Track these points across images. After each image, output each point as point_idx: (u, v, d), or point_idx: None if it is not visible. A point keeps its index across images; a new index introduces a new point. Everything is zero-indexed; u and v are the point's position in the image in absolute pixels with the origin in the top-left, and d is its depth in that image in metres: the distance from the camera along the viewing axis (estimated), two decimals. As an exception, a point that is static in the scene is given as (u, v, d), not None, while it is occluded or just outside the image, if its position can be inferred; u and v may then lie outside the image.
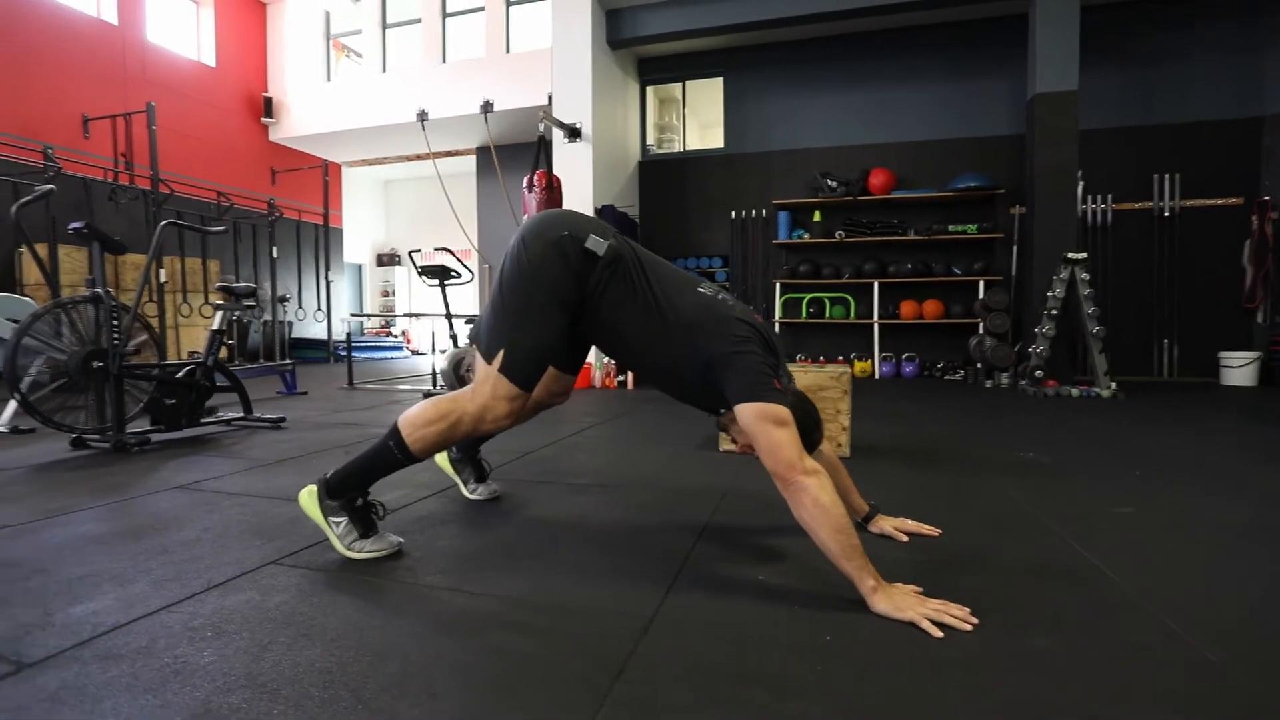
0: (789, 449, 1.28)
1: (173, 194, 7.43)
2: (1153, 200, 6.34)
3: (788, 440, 1.28)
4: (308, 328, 9.59)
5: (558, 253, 1.40)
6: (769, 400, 1.30)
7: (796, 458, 1.27)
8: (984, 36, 6.68)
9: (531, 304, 1.41)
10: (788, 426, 1.29)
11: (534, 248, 1.41)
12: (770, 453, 1.29)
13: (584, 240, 1.42)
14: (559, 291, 1.41)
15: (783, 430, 1.29)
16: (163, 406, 3.06)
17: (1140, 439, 3.15)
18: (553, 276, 1.40)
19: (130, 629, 1.14)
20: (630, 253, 1.47)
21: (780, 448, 1.28)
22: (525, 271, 1.41)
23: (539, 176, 5.21)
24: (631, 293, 1.43)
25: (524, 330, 1.42)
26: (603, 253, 1.42)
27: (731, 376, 1.34)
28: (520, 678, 0.98)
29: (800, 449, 1.29)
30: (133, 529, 1.72)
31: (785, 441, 1.28)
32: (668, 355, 1.43)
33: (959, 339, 6.69)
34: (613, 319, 1.45)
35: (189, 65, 8.59)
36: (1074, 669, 1.02)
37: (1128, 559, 1.51)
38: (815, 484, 1.25)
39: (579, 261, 1.41)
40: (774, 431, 1.29)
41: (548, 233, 1.42)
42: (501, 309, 1.44)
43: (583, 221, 1.47)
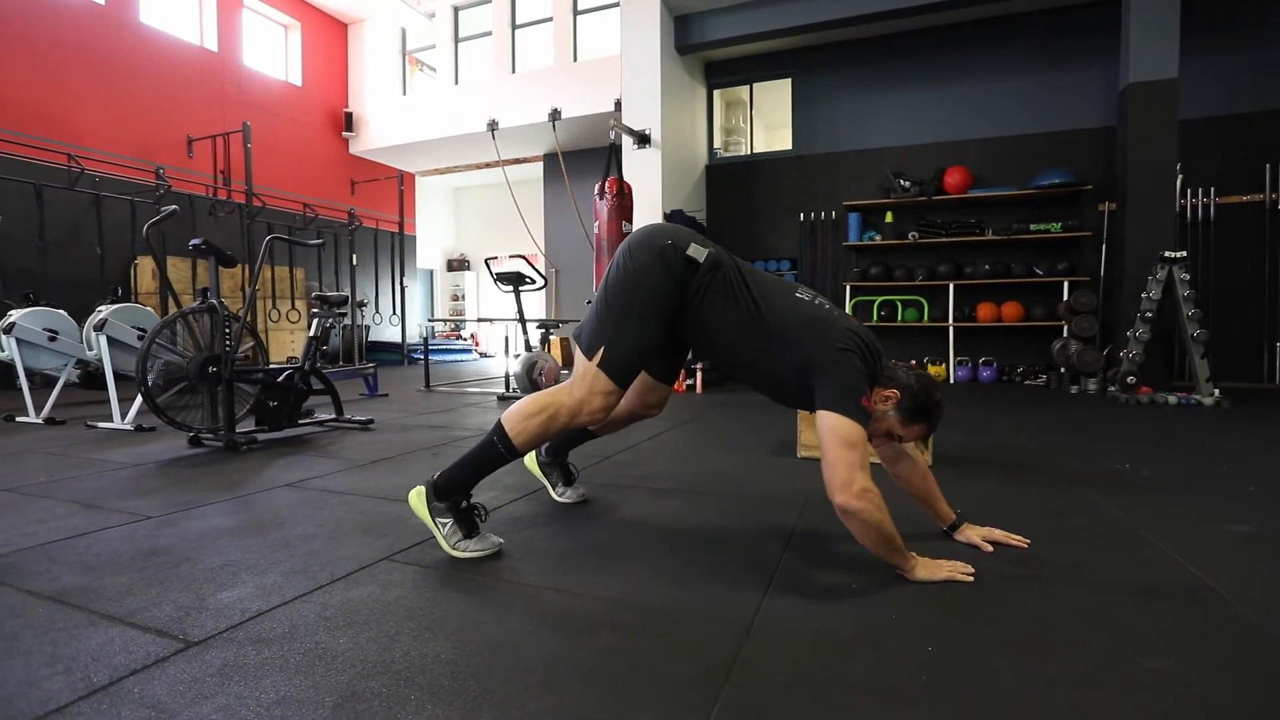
0: (847, 469, 1.33)
1: (264, 207, 7.95)
2: (1265, 192, 5.89)
3: (850, 460, 1.34)
4: (383, 331, 10.05)
5: (660, 261, 1.49)
6: (848, 415, 1.36)
7: (850, 478, 1.33)
8: (1069, 25, 6.37)
9: (633, 308, 1.51)
10: (855, 449, 1.34)
11: (639, 256, 1.51)
12: (830, 466, 1.36)
13: (685, 249, 1.51)
14: (660, 297, 1.50)
15: (847, 450, 1.34)
16: (266, 408, 3.29)
17: (1250, 451, 2.95)
18: (655, 283, 1.49)
19: (272, 616, 1.26)
20: (730, 261, 1.55)
21: (840, 465, 1.34)
22: (630, 277, 1.51)
23: (610, 184, 5.31)
24: (733, 298, 1.50)
25: (625, 331, 1.51)
26: (703, 260, 1.50)
27: (825, 382, 1.40)
28: (633, 677, 1.04)
29: (856, 468, 1.33)
30: (256, 523, 1.88)
31: (847, 461, 1.34)
32: (768, 359, 1.50)
33: (1040, 342, 6.40)
34: (713, 323, 1.53)
35: (278, 85, 9.15)
36: (1187, 692, 1.00)
37: (1243, 578, 1.44)
38: (866, 507, 1.33)
39: (680, 269, 1.50)
40: (837, 449, 1.35)
41: (652, 243, 1.52)
42: (605, 311, 1.53)
43: (684, 233, 1.56)
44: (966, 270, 6.54)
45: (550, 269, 9.73)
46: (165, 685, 1.01)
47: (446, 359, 10.42)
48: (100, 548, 1.66)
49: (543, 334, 5.78)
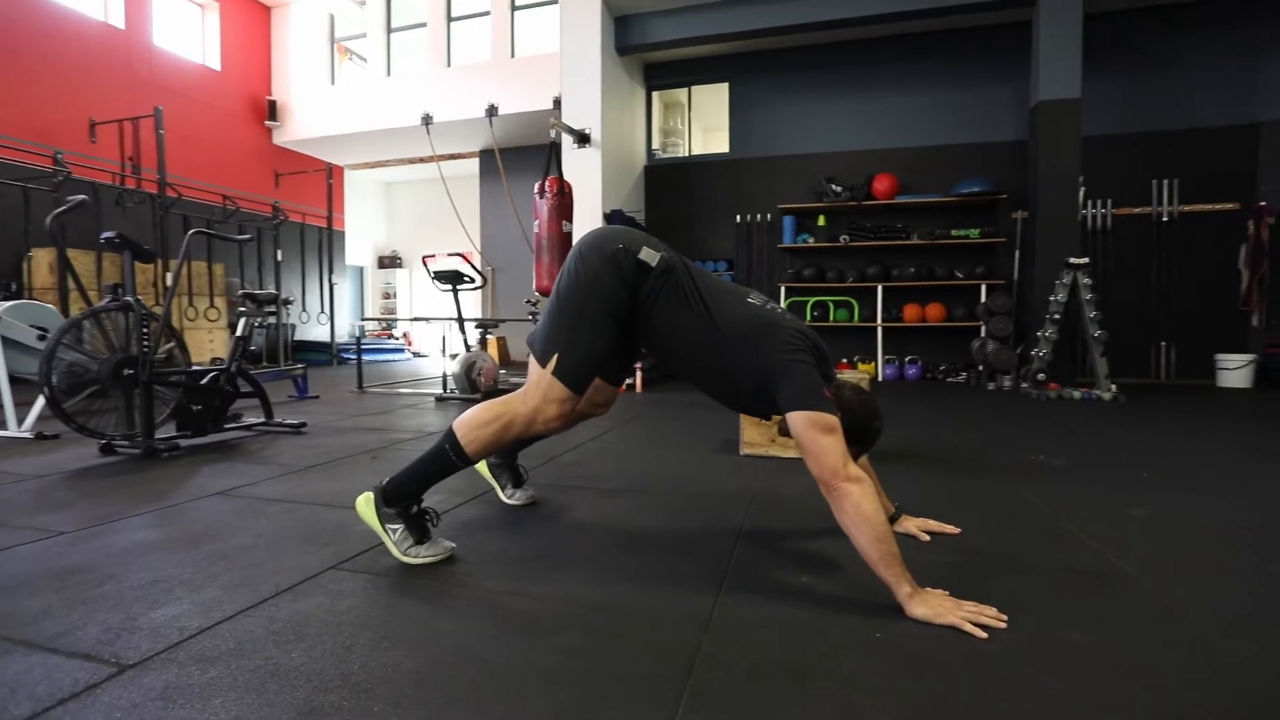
0: (834, 455, 1.33)
1: (180, 197, 7.46)
2: (1152, 205, 6.45)
3: (833, 447, 1.34)
4: (310, 330, 9.61)
5: (612, 265, 1.49)
6: (819, 409, 1.36)
7: (841, 464, 1.32)
8: (988, 44, 6.78)
9: (586, 312, 1.50)
10: (834, 434, 1.35)
11: (590, 260, 1.50)
12: (816, 458, 1.35)
13: (638, 253, 1.50)
14: (612, 301, 1.50)
15: (829, 437, 1.35)
16: (189, 412, 3.10)
17: (1144, 441, 3.24)
18: (607, 287, 1.49)
19: (215, 633, 1.20)
20: (681, 265, 1.55)
21: (826, 454, 1.33)
22: (581, 282, 1.50)
23: (551, 182, 5.27)
24: (685, 303, 1.50)
25: (578, 337, 1.50)
26: (655, 264, 1.50)
27: (784, 385, 1.41)
28: (599, 676, 1.05)
29: (845, 456, 1.34)
30: (187, 535, 1.78)
31: (831, 448, 1.34)
32: (722, 364, 1.51)
33: (961, 342, 6.78)
34: (666, 328, 1.53)
35: (194, 69, 8.61)
36: (1108, 662, 1.10)
37: (1146, 559, 1.59)
38: (858, 491, 1.30)
39: (632, 273, 1.49)
40: (820, 438, 1.34)
41: (603, 246, 1.51)
42: (558, 317, 1.52)
43: (637, 236, 1.55)
44: (894, 273, 6.85)
45: (487, 267, 9.56)
46: (100, 713, 0.95)
47: (378, 359, 10.08)
48: (9, 568, 1.54)
49: (481, 333, 5.69)
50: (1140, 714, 0.95)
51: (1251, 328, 6.26)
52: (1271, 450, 2.99)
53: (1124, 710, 0.96)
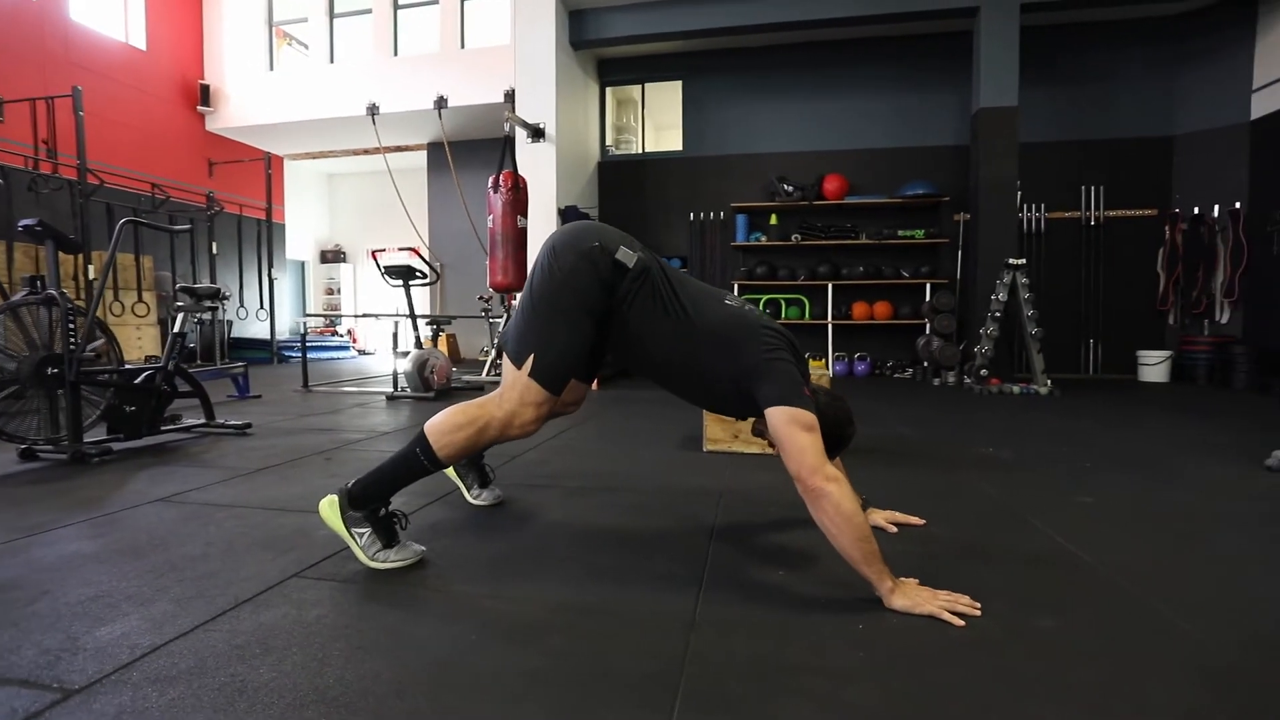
0: (812, 453, 1.32)
1: (102, 184, 6.99)
2: (1081, 210, 6.82)
3: (812, 445, 1.33)
4: (248, 327, 9.16)
5: (588, 263, 1.44)
6: (799, 406, 1.36)
7: (819, 463, 1.31)
8: (932, 51, 7.01)
9: (560, 311, 1.45)
10: (814, 432, 1.35)
11: (565, 257, 1.45)
12: (795, 456, 1.33)
13: (614, 252, 1.46)
14: (588, 300, 1.45)
15: (808, 435, 1.34)
16: (122, 414, 2.91)
17: (1081, 433, 3.41)
18: (582, 285, 1.44)
19: (170, 650, 1.12)
20: (657, 266, 1.52)
21: (804, 452, 1.32)
22: (556, 279, 1.45)
23: (505, 177, 5.17)
24: (660, 305, 1.47)
25: (553, 336, 1.45)
26: (632, 265, 1.47)
27: (764, 383, 1.40)
28: (589, 679, 1.03)
29: (823, 455, 1.34)
30: (129, 546, 1.66)
31: (810, 446, 1.33)
32: (698, 365, 1.48)
33: (908, 339, 7.01)
34: (640, 330, 1.49)
35: (117, 47, 8.06)
36: (1077, 645, 1.15)
37: (1099, 544, 1.67)
38: (838, 491, 1.28)
39: (608, 272, 1.46)
40: (800, 435, 1.33)
41: (579, 243, 1.46)
42: (532, 316, 1.47)
43: (612, 234, 1.51)
44: (843, 271, 7.02)
45: (435, 263, 9.32)
46: (48, 740, 0.87)
47: (322, 356, 9.71)
48: (-75, 586, 1.40)
49: (434, 330, 5.54)
50: (1113, 694, 0.99)
51: (1168, 326, 6.70)
52: (1189, 440, 3.20)
53: (1098, 691, 1.00)
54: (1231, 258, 6.22)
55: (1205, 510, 2.01)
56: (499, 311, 7.39)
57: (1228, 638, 1.17)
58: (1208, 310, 6.41)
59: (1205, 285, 6.41)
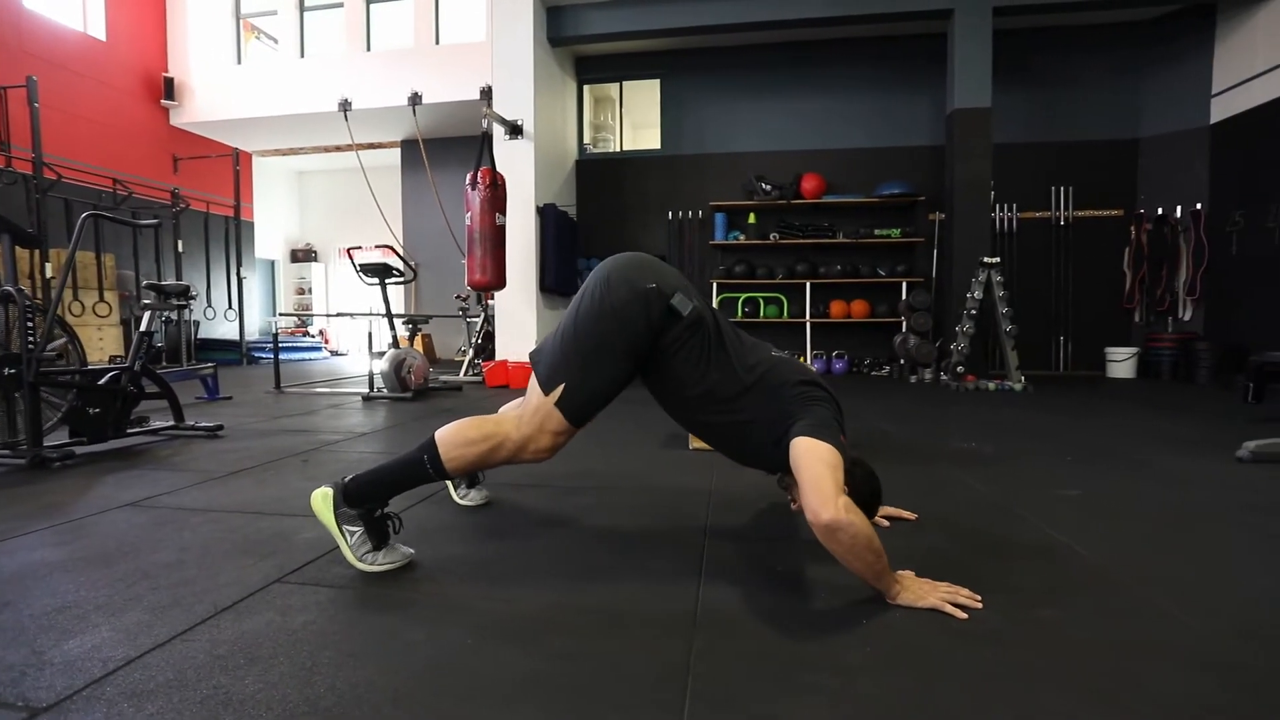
0: (831, 486, 1.22)
1: (60, 179, 6.73)
2: (1051, 210, 6.97)
3: (833, 479, 1.23)
4: (216, 327, 8.91)
5: (642, 303, 1.39)
6: (826, 440, 1.30)
7: (834, 493, 1.21)
8: (908, 53, 7.10)
9: (604, 347, 1.40)
10: (836, 468, 1.26)
11: (619, 292, 1.39)
12: (814, 483, 1.23)
13: (670, 297, 1.41)
14: (633, 340, 1.40)
15: (830, 470, 1.25)
16: (85, 416, 2.79)
17: (1057, 427, 3.47)
18: (631, 324, 1.39)
19: (146, 662, 1.06)
20: (711, 318, 1.48)
21: (823, 482, 1.22)
22: (605, 313, 1.39)
23: (483, 174, 5.10)
24: (707, 359, 1.44)
25: (589, 371, 1.41)
26: (686, 313, 1.41)
27: (796, 421, 1.37)
28: (595, 680, 0.99)
29: (841, 488, 1.24)
30: (97, 553, 1.58)
31: (831, 479, 1.23)
32: (743, 418, 1.46)
33: (885, 337, 7.08)
34: (684, 380, 1.45)
35: (75, 37, 7.78)
36: (1079, 634, 1.15)
37: (1088, 535, 1.68)
38: (858, 520, 1.19)
39: (660, 316, 1.40)
40: (819, 467, 1.25)
41: (636, 281, 1.40)
42: (572, 344, 1.42)
43: (670, 277, 1.45)
44: (821, 270, 7.07)
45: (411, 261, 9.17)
46: (16, 761, 0.81)
47: (293, 357, 9.49)
48: (-126, 599, 1.31)
49: (411, 329, 5.45)
50: (1119, 683, 0.99)
51: (1134, 323, 6.88)
52: (1160, 434, 3.27)
53: (1104, 680, 1.00)
54: (1193, 257, 6.41)
55: (1184, 501, 2.04)
56: (476, 310, 7.30)
57: (1222, 626, 1.18)
58: (1171, 308, 6.60)
59: (1169, 284, 6.59)
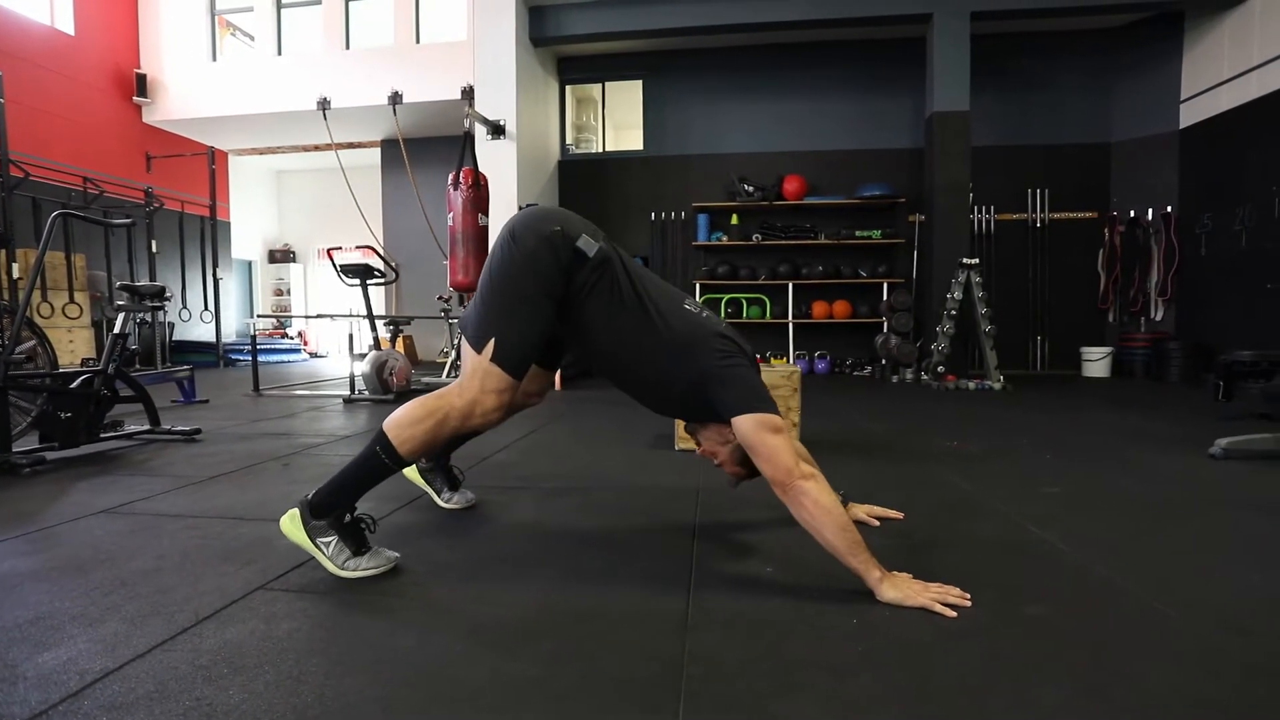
0: (786, 454, 1.32)
1: (28, 177, 6.56)
2: (1027, 212, 7.08)
3: (784, 446, 1.33)
4: (191, 329, 8.74)
5: (548, 246, 1.40)
6: (764, 410, 1.36)
7: (794, 463, 1.31)
8: (889, 56, 7.17)
9: (521, 294, 1.40)
10: (783, 434, 1.35)
11: (525, 240, 1.41)
12: (769, 459, 1.33)
13: (575, 239, 1.42)
14: (548, 284, 1.41)
15: (778, 437, 1.34)
16: (56, 421, 2.71)
17: (1036, 426, 3.53)
18: (543, 269, 1.40)
19: (125, 674, 1.03)
20: (618, 259, 1.47)
21: (777, 453, 1.32)
22: (516, 262, 1.40)
23: (465, 174, 5.06)
24: (619, 300, 1.43)
25: (514, 320, 1.41)
26: (593, 254, 1.42)
27: (724, 390, 1.39)
28: (588, 684, 0.99)
29: (795, 454, 1.34)
30: (72, 562, 1.53)
31: (782, 447, 1.33)
32: (656, 367, 1.46)
33: (866, 337, 7.14)
34: (596, 325, 1.45)
35: (41, 31, 7.58)
36: (1066, 629, 1.17)
37: (1070, 532, 1.71)
38: (814, 487, 1.30)
39: (568, 259, 1.41)
40: (770, 438, 1.33)
41: (540, 226, 1.42)
42: (492, 299, 1.42)
43: (575, 221, 1.46)
44: (803, 271, 7.12)
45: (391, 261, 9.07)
46: (-9, 779, 0.78)
47: (271, 359, 9.34)
48: None
49: (393, 331, 5.39)
50: (1108, 676, 1.01)
51: (1108, 324, 7.02)
52: (1135, 431, 3.35)
53: (1093, 673, 1.01)
54: (1164, 258, 6.56)
55: (1161, 497, 2.09)
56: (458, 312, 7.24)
57: (1203, 618, 1.20)
58: (1144, 308, 6.75)
59: (1141, 284, 6.74)
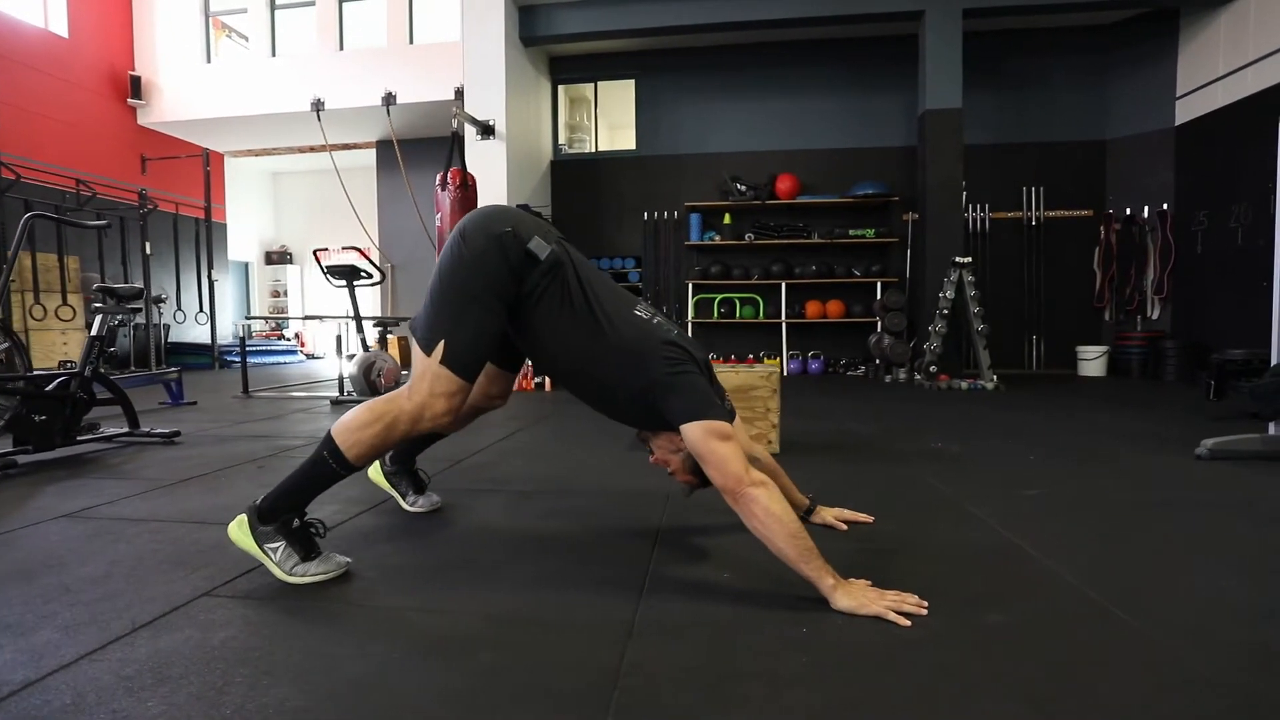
0: (735, 462, 1.29)
1: (19, 179, 6.56)
2: (1023, 210, 7.04)
3: (733, 454, 1.30)
4: (188, 331, 8.74)
5: (498, 247, 1.37)
6: (713, 417, 1.33)
7: (743, 470, 1.29)
8: (881, 54, 7.13)
9: (470, 295, 1.38)
10: (732, 441, 1.32)
11: (475, 240, 1.38)
12: (718, 467, 1.30)
13: (527, 241, 1.39)
14: (498, 285, 1.39)
15: (727, 445, 1.31)
16: (30, 424, 2.70)
17: (1027, 426, 3.49)
18: (492, 270, 1.38)
19: (45, 685, 1.00)
20: (570, 262, 1.45)
21: (727, 461, 1.29)
22: (465, 262, 1.38)
23: (453, 174, 5.04)
24: (569, 306, 1.41)
25: (464, 321, 1.38)
26: (544, 257, 1.40)
27: (674, 398, 1.36)
28: (519, 697, 0.96)
29: (745, 462, 1.31)
30: (20, 568, 1.51)
31: (731, 455, 1.30)
32: (604, 375, 1.43)
33: (860, 337, 7.11)
34: (546, 329, 1.43)
35: (34, 33, 7.59)
36: (1023, 639, 1.13)
37: (1042, 537, 1.68)
38: (764, 494, 1.27)
39: (519, 261, 1.39)
40: (720, 447, 1.31)
41: (490, 226, 1.39)
42: (441, 300, 1.39)
43: (527, 221, 1.44)
44: (796, 270, 7.08)
45: (386, 264, 9.07)
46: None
47: (267, 361, 9.34)
48: None
49: (381, 332, 5.37)
50: (1060, 689, 0.97)
51: (1104, 322, 6.97)
52: (1125, 432, 3.30)
53: (1044, 685, 0.98)
54: (1160, 256, 6.51)
55: (1143, 500, 2.05)
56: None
57: (1170, 629, 1.17)
58: (1140, 307, 6.69)
59: (1137, 283, 6.68)
